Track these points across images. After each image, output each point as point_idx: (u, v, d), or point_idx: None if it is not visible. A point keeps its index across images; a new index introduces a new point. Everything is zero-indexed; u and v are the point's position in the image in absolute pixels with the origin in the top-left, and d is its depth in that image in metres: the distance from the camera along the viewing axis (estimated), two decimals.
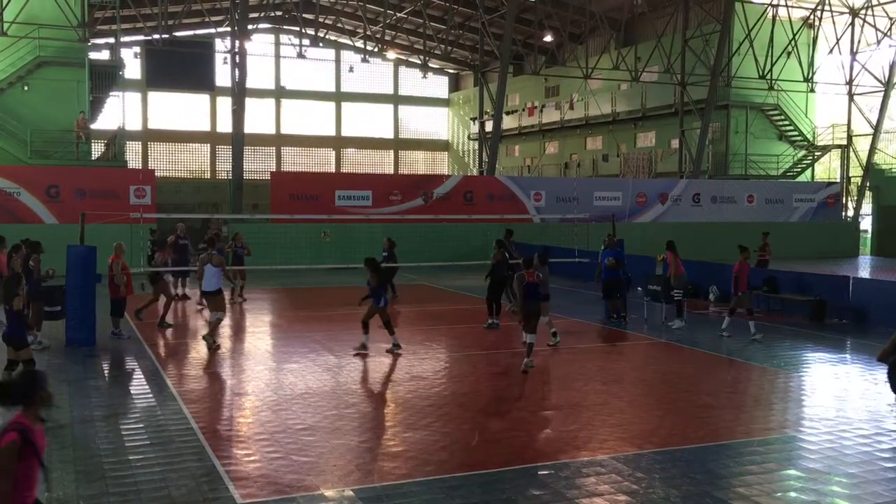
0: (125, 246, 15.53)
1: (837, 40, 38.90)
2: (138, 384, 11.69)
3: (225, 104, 45.00)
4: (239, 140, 32.29)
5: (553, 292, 22.70)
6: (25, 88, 30.06)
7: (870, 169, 40.68)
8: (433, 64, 51.12)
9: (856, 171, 42.10)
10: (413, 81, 54.41)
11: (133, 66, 42.93)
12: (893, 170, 42.23)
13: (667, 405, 10.70)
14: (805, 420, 10.20)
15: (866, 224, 41.45)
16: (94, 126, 34.21)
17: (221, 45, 39.97)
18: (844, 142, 41.84)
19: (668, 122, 41.53)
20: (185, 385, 11.67)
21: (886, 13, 39.24)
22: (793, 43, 37.34)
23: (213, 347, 13.92)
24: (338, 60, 53.11)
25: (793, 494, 7.54)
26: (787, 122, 40.39)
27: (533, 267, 12.60)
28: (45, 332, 14.37)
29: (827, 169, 45.84)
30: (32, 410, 4.81)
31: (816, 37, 39.70)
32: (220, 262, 14.67)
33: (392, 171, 54.38)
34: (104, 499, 7.24)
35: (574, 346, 15.03)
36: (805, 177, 42.30)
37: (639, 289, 18.35)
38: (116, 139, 33.62)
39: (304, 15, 40.13)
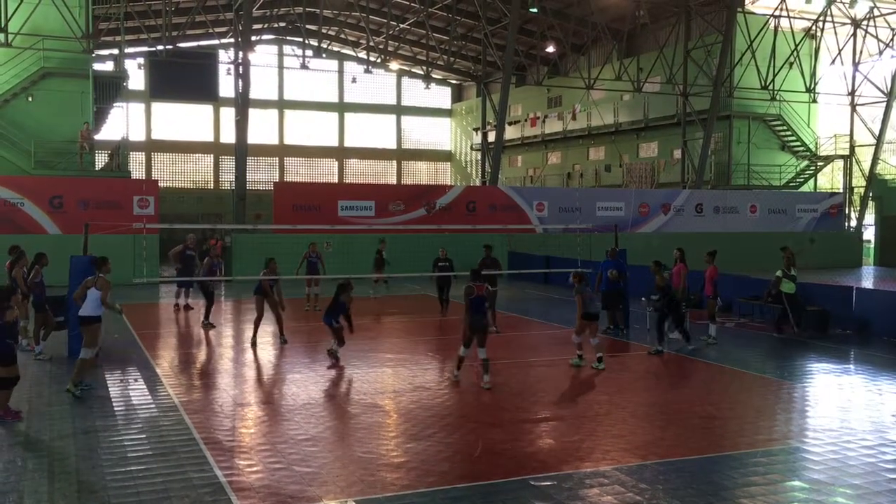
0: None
1: (840, 51, 38.97)
2: (140, 394, 11.68)
3: (228, 115, 45.14)
4: (242, 150, 32.36)
5: (555, 303, 22.79)
6: (30, 99, 30.14)
7: (872, 179, 40.67)
8: (436, 75, 51.27)
9: (858, 182, 42.09)
10: (416, 92, 54.55)
11: (137, 77, 43.06)
12: None
13: (670, 416, 10.67)
14: (809, 431, 10.16)
15: (869, 234, 41.40)
16: (97, 137, 34.29)
17: (225, 56, 40.15)
18: (847, 152, 41.84)
19: (670, 132, 41.57)
20: (187, 395, 11.66)
21: (888, 24, 39.31)
22: (795, 53, 37.42)
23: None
24: (341, 71, 53.26)
25: None
26: (789, 133, 40.40)
27: (481, 280, 12.68)
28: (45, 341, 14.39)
29: (830, 179, 45.81)
30: None
31: (818, 47, 39.74)
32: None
33: (395, 182, 54.45)
34: None
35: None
36: (808, 187, 42.27)
37: (642, 299, 18.32)
38: (120, 150, 33.69)
39: (308, 26, 40.27)
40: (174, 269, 21.24)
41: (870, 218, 41.55)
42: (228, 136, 45.41)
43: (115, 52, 39.26)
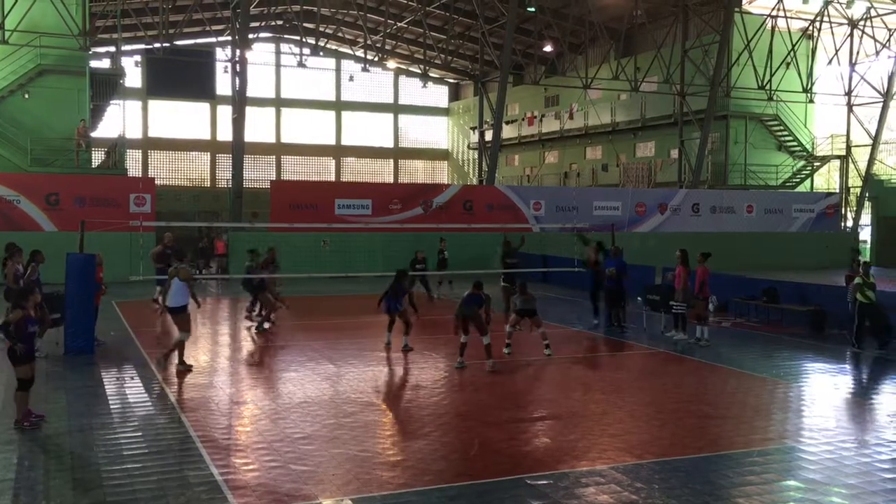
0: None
1: (836, 51, 39.01)
2: (137, 392, 11.66)
3: (225, 113, 45.06)
4: (239, 148, 32.31)
5: (552, 301, 22.80)
6: (26, 96, 30.06)
7: (869, 179, 40.75)
8: (433, 73, 51.24)
9: (855, 182, 42.16)
10: (413, 91, 54.50)
11: (134, 75, 42.97)
12: (892, 180, 42.27)
13: (666, 415, 10.68)
14: (804, 430, 10.18)
15: (865, 234, 41.47)
16: (94, 134, 34.22)
17: (222, 54, 40.07)
18: (843, 152, 41.91)
19: (667, 132, 41.59)
20: (183, 393, 11.65)
21: (885, 24, 39.37)
22: (792, 54, 37.46)
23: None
24: (338, 70, 53.21)
25: None
26: (786, 133, 40.46)
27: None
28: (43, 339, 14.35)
29: (826, 179, 45.88)
30: None
31: (815, 48, 39.79)
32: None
33: (392, 181, 54.42)
34: None
35: (573, 356, 15.02)
36: (804, 187, 42.34)
37: (638, 298, 18.34)
38: (117, 147, 33.62)
39: (305, 24, 40.21)
40: (155, 269, 20.70)
41: (866, 218, 41.62)
42: (225, 134, 45.35)
43: (112, 49, 39.23)
